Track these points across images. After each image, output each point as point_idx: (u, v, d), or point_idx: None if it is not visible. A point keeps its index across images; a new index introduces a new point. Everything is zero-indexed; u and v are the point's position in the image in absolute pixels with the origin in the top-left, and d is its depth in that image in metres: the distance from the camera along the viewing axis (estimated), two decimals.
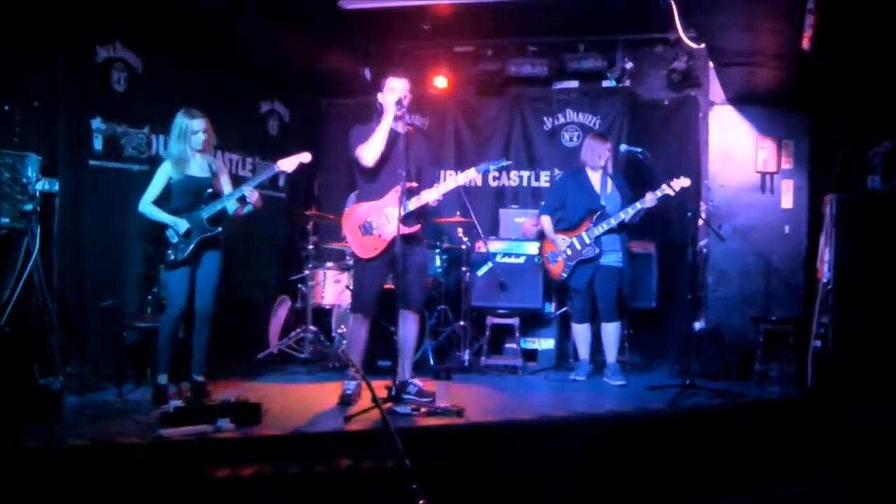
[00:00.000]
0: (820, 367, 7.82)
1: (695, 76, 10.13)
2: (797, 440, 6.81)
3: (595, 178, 8.65)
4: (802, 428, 6.98)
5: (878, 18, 6.81)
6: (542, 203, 9.28)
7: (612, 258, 8.49)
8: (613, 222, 8.38)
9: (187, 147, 7.08)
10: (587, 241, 8.41)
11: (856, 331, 7.68)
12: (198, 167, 7.14)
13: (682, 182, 8.27)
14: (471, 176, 7.26)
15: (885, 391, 7.21)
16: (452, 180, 7.14)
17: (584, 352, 8.65)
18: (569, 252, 8.49)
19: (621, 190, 8.66)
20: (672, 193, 8.20)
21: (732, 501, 6.36)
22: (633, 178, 9.06)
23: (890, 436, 6.63)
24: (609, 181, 8.65)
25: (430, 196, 6.98)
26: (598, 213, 8.45)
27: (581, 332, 8.63)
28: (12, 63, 7.09)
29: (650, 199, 8.31)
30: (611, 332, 8.48)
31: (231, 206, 7.14)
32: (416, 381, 7.17)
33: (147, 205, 7.00)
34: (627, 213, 8.37)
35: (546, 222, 8.72)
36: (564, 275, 8.54)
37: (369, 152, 6.94)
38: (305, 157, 7.25)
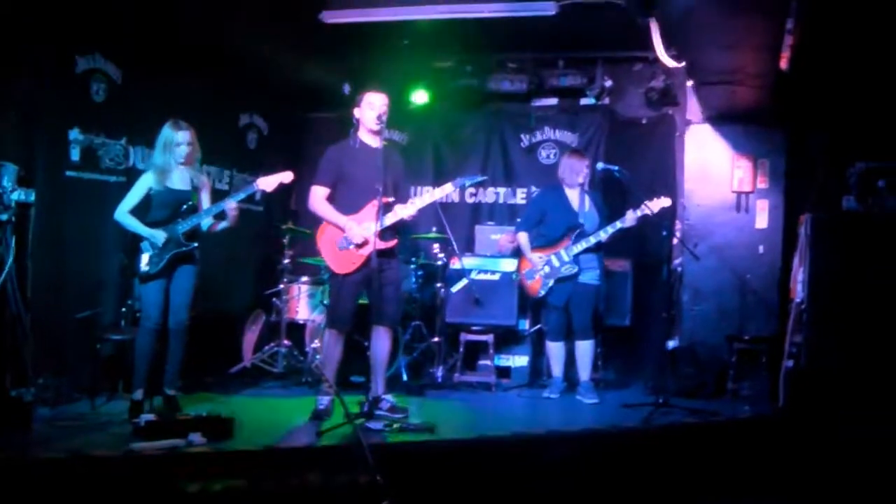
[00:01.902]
0: (792, 387, 7.86)
1: (672, 95, 10.18)
2: (767, 459, 6.85)
3: (573, 195, 8.63)
4: (772, 447, 7.01)
5: (856, 39, 6.88)
6: (519, 219, 9.27)
7: (589, 276, 8.48)
8: (593, 240, 8.37)
9: (171, 159, 7.06)
10: (566, 258, 8.39)
11: (828, 351, 7.72)
12: (179, 180, 7.10)
13: (663, 202, 8.26)
14: (447, 191, 7.29)
15: (857, 411, 7.25)
16: (429, 195, 7.16)
17: (557, 369, 8.66)
18: (547, 269, 8.46)
19: (598, 207, 8.67)
20: (651, 214, 8.21)
21: None
22: (610, 197, 9.09)
23: (859, 455, 6.69)
24: (587, 198, 8.64)
25: (406, 212, 6.98)
26: (578, 230, 8.43)
27: (555, 350, 8.64)
28: None
29: (630, 219, 8.29)
30: (585, 349, 8.46)
31: (206, 222, 7.12)
32: (389, 396, 7.18)
33: (123, 214, 6.98)
34: (607, 232, 8.35)
35: (523, 238, 8.68)
36: (542, 292, 8.50)
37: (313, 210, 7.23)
38: (287, 176, 7.21)
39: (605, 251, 8.67)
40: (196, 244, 7.06)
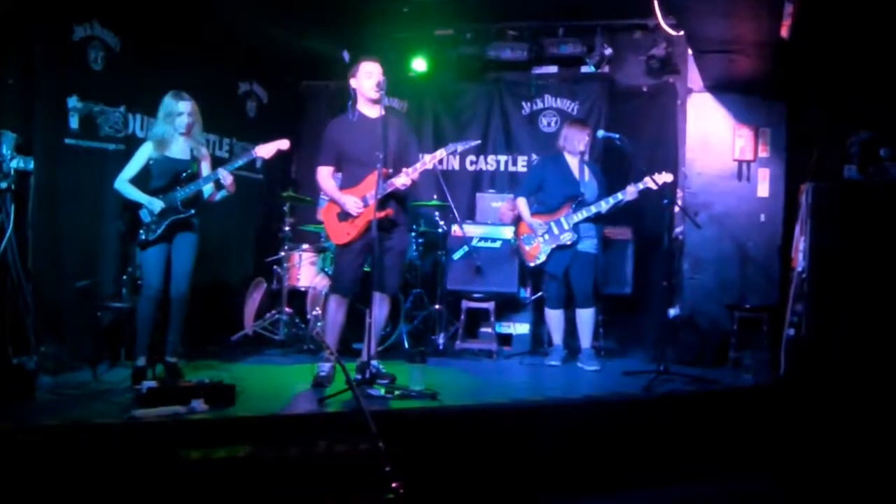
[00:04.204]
0: (792, 355, 7.86)
1: (673, 63, 10.16)
2: (768, 427, 6.87)
3: (573, 164, 8.61)
4: (773, 415, 7.03)
5: (856, 7, 6.84)
6: (519, 185, 9.29)
7: (588, 244, 8.47)
8: (594, 210, 8.35)
9: (172, 129, 7.05)
10: (566, 226, 8.39)
11: (829, 319, 7.72)
12: (179, 150, 7.10)
13: (665, 177, 8.21)
14: (439, 156, 7.22)
15: (857, 380, 7.26)
16: (421, 164, 7.11)
17: (557, 337, 8.67)
18: (546, 237, 8.45)
19: (597, 178, 8.65)
20: (654, 188, 8.18)
21: (700, 487, 6.41)
22: (611, 165, 9.08)
23: (859, 424, 6.70)
24: (586, 168, 8.62)
25: (400, 181, 6.94)
26: (578, 199, 8.42)
27: (555, 318, 8.65)
28: None
29: (631, 192, 8.30)
30: (586, 317, 8.47)
31: (207, 189, 7.12)
32: (376, 363, 7.14)
33: (123, 182, 6.97)
34: (609, 203, 8.35)
35: (522, 204, 8.67)
36: (541, 258, 8.49)
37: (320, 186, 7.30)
38: (284, 144, 7.22)
39: (605, 220, 8.65)
40: (193, 210, 7.05)
